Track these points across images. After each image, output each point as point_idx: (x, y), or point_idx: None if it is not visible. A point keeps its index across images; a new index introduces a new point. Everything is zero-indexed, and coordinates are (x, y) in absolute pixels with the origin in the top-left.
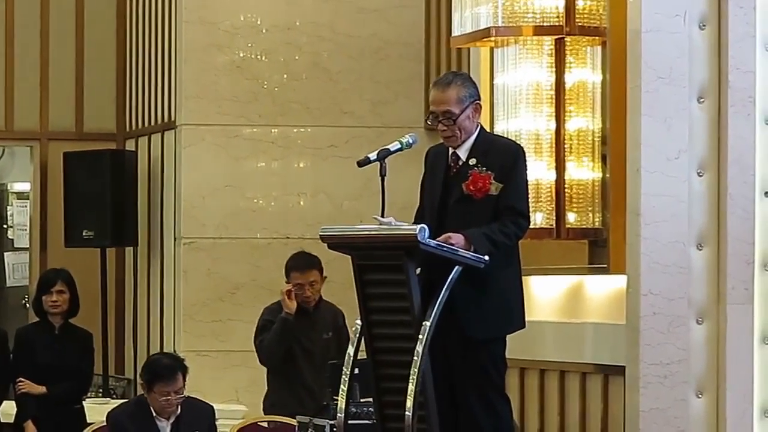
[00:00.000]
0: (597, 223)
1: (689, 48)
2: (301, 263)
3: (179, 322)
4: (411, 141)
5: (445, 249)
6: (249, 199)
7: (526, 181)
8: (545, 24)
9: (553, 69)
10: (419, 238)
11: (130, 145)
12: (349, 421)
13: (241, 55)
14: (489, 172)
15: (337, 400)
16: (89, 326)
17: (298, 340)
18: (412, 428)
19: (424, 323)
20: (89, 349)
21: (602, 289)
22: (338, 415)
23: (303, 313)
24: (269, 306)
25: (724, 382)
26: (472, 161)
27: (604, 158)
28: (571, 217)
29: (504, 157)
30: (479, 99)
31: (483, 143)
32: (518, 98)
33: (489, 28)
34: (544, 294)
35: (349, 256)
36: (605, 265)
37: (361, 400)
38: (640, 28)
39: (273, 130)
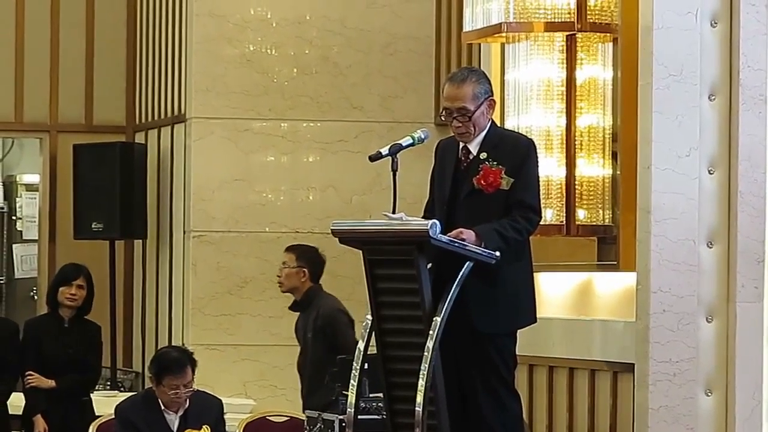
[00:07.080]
0: (607, 220)
1: (701, 45)
2: None
3: (188, 315)
4: (423, 136)
5: (456, 244)
6: (258, 192)
7: (537, 175)
8: (556, 20)
9: (564, 65)
10: (431, 234)
11: (139, 138)
12: (359, 416)
13: (251, 48)
14: (500, 167)
15: (346, 395)
16: (98, 319)
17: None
18: (422, 423)
19: (434, 319)
20: (97, 342)
21: (611, 286)
22: (348, 410)
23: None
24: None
25: (733, 380)
26: (483, 155)
27: (614, 155)
28: (581, 214)
29: (515, 151)
30: (493, 95)
31: (494, 137)
32: (529, 94)
33: (500, 23)
34: (553, 291)
35: (360, 251)
36: (614, 262)
37: (370, 395)
38: (652, 25)
39: (282, 124)
